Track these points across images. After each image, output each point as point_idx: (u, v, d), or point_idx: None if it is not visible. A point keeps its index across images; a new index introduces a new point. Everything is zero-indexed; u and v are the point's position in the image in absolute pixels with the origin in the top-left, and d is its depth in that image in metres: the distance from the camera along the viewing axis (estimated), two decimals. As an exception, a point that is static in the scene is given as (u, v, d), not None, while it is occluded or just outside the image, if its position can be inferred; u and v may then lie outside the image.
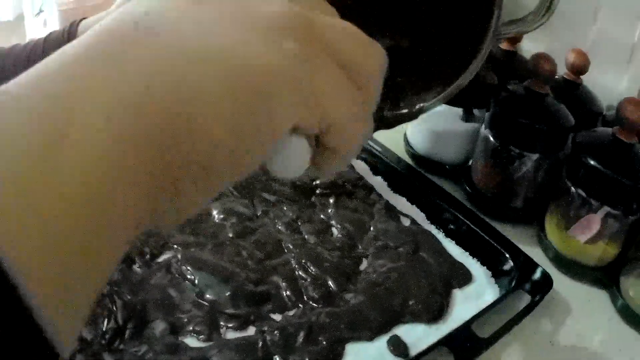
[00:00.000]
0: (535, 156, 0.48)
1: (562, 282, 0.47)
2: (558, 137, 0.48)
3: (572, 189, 0.46)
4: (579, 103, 0.52)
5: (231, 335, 0.40)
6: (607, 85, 0.57)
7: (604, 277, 0.47)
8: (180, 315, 0.41)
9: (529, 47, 0.59)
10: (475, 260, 0.48)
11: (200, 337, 0.39)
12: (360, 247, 0.48)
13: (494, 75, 0.52)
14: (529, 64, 0.47)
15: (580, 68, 0.50)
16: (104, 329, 0.39)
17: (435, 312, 0.42)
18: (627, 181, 0.42)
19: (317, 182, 0.55)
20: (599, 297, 0.47)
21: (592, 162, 0.44)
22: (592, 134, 0.47)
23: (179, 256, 0.45)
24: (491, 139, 0.49)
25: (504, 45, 0.55)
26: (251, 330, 0.40)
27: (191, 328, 0.40)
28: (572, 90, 0.52)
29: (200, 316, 0.40)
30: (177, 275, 0.44)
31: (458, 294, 0.45)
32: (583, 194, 0.45)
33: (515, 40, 0.55)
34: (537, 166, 0.49)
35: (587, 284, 0.48)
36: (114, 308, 0.41)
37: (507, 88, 0.49)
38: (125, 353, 0.38)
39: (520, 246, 0.47)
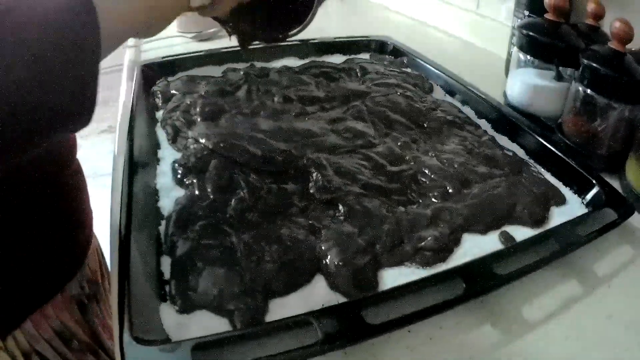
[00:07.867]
0: (618, 106, 0.56)
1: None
2: (637, 89, 0.55)
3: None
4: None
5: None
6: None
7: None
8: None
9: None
10: (567, 188, 0.54)
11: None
12: (471, 165, 0.56)
13: (581, 41, 0.63)
14: (611, 27, 0.55)
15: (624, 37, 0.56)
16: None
17: (539, 218, 0.49)
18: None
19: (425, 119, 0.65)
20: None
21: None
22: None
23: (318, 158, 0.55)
24: (581, 89, 0.58)
25: (589, 21, 0.65)
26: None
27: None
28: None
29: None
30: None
31: (555, 210, 0.51)
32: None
33: (598, 16, 0.65)
34: (620, 116, 0.56)
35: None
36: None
37: (592, 49, 0.58)
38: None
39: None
